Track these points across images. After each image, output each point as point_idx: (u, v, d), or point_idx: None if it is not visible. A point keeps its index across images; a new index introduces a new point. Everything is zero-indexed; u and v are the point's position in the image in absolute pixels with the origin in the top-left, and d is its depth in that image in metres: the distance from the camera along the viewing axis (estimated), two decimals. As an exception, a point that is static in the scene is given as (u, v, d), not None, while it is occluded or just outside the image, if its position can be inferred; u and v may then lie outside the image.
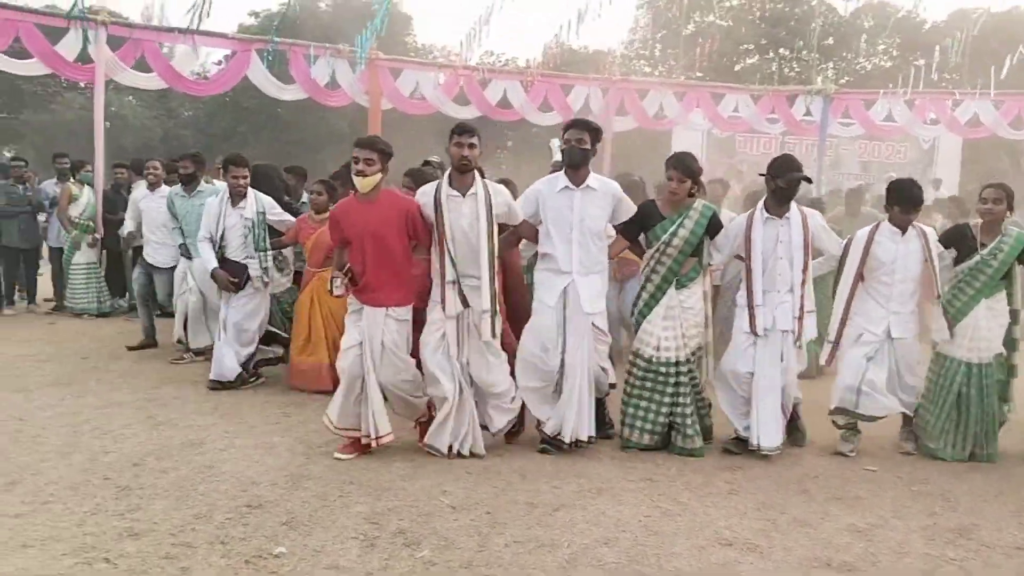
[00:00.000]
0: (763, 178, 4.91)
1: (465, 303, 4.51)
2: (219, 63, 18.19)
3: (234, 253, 6.12)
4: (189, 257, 6.75)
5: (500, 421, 4.74)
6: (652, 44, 30.88)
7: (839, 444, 4.99)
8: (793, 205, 4.84)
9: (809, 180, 5.12)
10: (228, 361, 6.06)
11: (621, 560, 3.41)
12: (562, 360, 4.65)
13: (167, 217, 7.07)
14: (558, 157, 5.81)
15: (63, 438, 4.85)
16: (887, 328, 4.91)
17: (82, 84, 27.67)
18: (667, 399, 4.76)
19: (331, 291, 4.55)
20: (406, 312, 4.57)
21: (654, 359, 4.76)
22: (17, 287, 9.75)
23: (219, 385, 6.05)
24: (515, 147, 25.81)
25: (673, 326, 4.76)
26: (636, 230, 4.94)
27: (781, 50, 29.06)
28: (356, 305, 4.57)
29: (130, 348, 7.41)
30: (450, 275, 4.47)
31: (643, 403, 4.80)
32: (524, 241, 5.16)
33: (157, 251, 7.43)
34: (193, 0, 9.58)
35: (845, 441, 4.98)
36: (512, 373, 4.74)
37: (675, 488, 4.28)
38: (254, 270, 6.10)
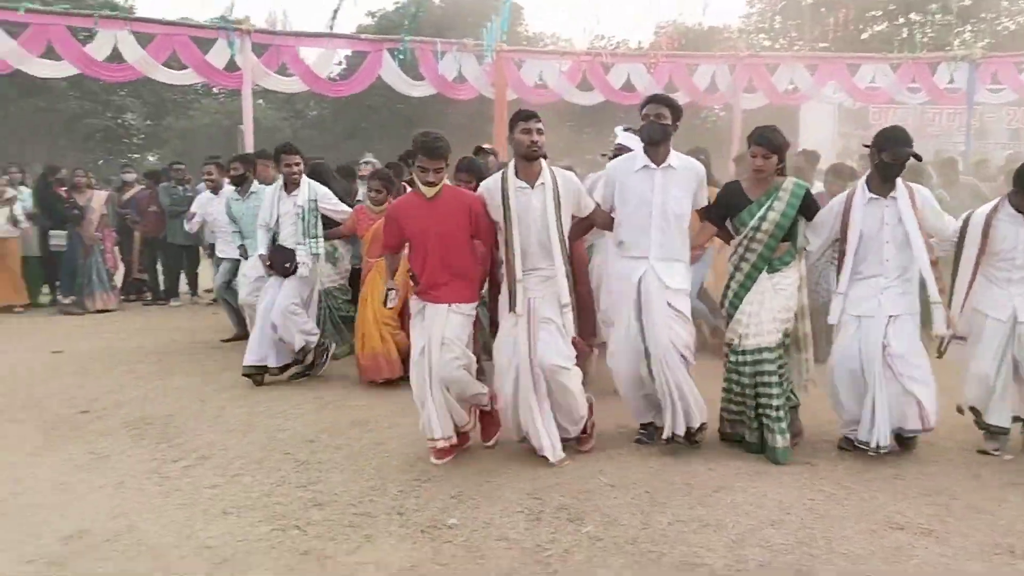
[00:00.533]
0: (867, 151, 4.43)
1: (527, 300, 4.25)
2: (339, 63, 19.02)
3: (286, 240, 6.13)
4: (247, 258, 6.90)
5: (573, 429, 4.43)
6: (772, 16, 29.80)
7: (983, 442, 4.53)
8: (899, 182, 4.31)
9: (919, 157, 4.41)
10: (266, 347, 6.06)
11: (789, 542, 3.39)
12: (645, 350, 4.30)
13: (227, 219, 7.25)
14: (621, 140, 5.53)
15: (241, 418, 5.27)
16: (1013, 313, 4.35)
17: (215, 90, 29.75)
18: (754, 390, 4.33)
19: (384, 303, 4.55)
20: (470, 308, 4.36)
21: (744, 348, 4.33)
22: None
23: (254, 370, 6.07)
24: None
25: (760, 311, 4.32)
26: (721, 215, 4.56)
27: (912, 15, 27.39)
28: (418, 305, 4.36)
29: (224, 340, 7.81)
30: (518, 272, 4.22)
31: (737, 396, 4.43)
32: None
33: (228, 245, 7.61)
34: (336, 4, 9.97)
35: (990, 439, 4.50)
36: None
37: (837, 473, 4.19)
38: (301, 256, 6.06)
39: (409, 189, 5.34)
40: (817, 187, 6.86)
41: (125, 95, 29.08)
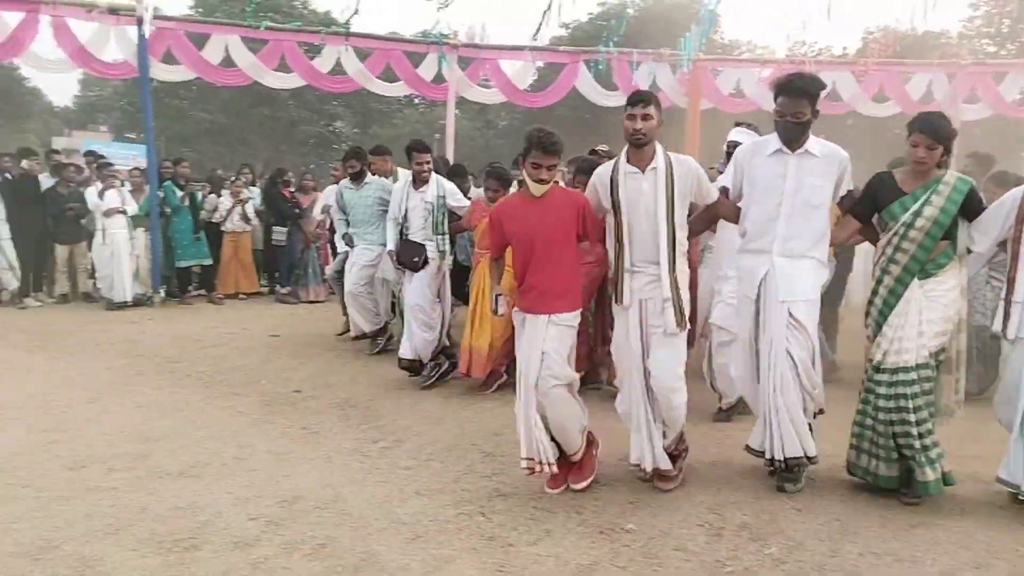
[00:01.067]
0: None
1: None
2: (532, 75, 19.50)
3: (415, 235, 6.22)
4: (352, 246, 7.19)
5: (662, 460, 4.07)
6: (999, 19, 27.07)
7: None
8: None
9: None
10: (417, 341, 6.17)
11: (995, 588, 3.15)
12: (758, 361, 3.95)
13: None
14: (736, 138, 5.29)
15: (434, 407, 5.62)
16: None
17: (415, 101, 31.61)
18: (892, 416, 3.80)
19: (494, 311, 4.28)
20: (572, 318, 4.03)
21: (887, 366, 3.81)
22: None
23: (409, 363, 6.21)
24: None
25: (904, 323, 3.78)
26: (868, 209, 3.99)
27: None
28: (519, 317, 4.08)
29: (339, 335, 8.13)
30: (626, 263, 3.93)
31: (875, 423, 3.87)
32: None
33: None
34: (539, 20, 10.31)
35: None
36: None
37: (1056, 518, 3.80)
38: (431, 252, 6.16)
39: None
40: None
41: (337, 105, 31.60)
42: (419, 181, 6.28)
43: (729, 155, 5.48)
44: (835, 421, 4.21)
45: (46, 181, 10.38)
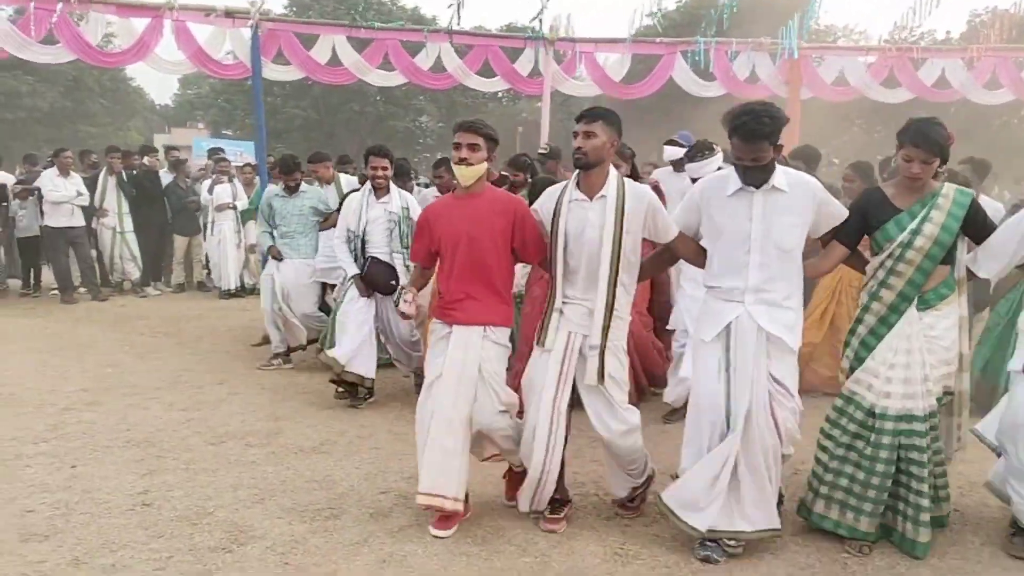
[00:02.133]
0: None
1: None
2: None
3: (377, 250, 5.54)
4: (280, 258, 6.58)
5: (620, 489, 3.71)
6: None
7: None
8: None
9: None
10: (402, 357, 5.73)
11: None
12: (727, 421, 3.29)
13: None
14: (668, 155, 5.22)
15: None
16: None
17: (498, 95, 31.88)
18: (892, 468, 3.35)
19: (397, 307, 3.82)
20: (506, 335, 3.65)
21: (877, 409, 3.36)
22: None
23: (360, 380, 5.47)
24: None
25: (909, 363, 3.32)
26: (858, 231, 3.48)
27: None
28: (443, 329, 3.63)
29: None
30: (558, 300, 3.50)
31: (857, 472, 3.39)
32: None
33: None
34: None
35: None
36: None
37: None
38: (399, 268, 5.53)
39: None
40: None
41: (423, 100, 32.23)
42: (379, 190, 5.63)
43: (674, 164, 5.53)
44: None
45: (164, 176, 11.06)
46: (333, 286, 6.56)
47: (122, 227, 10.43)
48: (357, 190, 6.10)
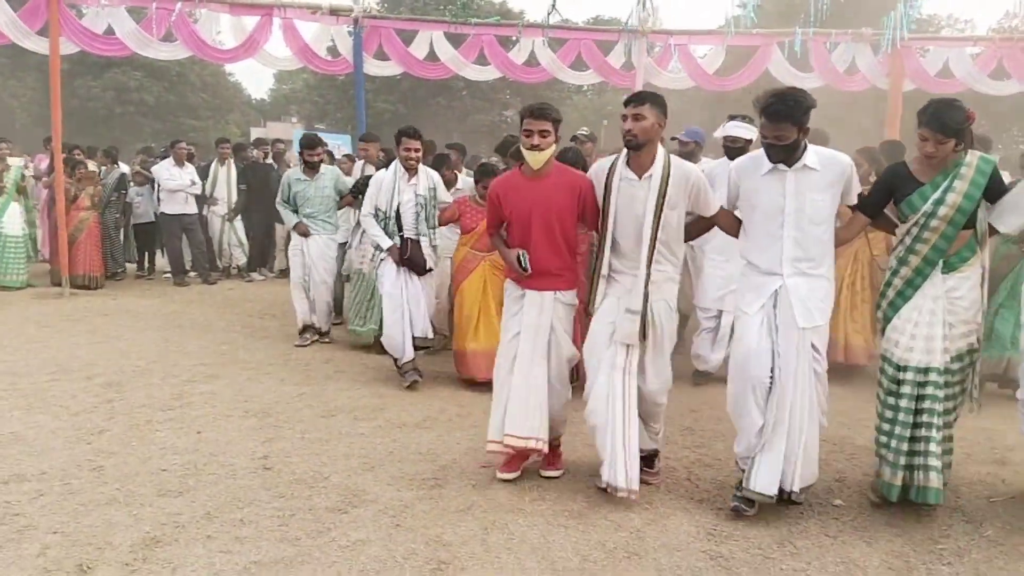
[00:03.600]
0: None
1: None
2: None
3: (407, 231, 5.72)
4: (308, 235, 6.97)
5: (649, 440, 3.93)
6: None
7: None
8: None
9: None
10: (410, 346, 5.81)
11: None
12: (770, 386, 3.55)
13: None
14: (733, 132, 5.27)
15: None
16: None
17: (583, 87, 31.70)
18: (910, 418, 3.57)
19: (525, 268, 3.91)
20: (574, 296, 4.05)
21: (906, 364, 3.58)
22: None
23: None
24: None
25: (932, 322, 3.55)
26: (879, 202, 3.73)
27: None
28: (517, 292, 4.00)
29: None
30: (604, 268, 3.79)
31: (895, 427, 3.60)
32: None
33: None
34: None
35: None
36: None
37: None
38: (426, 249, 5.76)
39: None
40: None
41: (508, 94, 32.42)
42: (410, 171, 5.75)
43: (728, 150, 5.47)
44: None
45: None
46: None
47: (229, 215, 11.02)
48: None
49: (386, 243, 5.76)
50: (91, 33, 9.54)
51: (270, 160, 11.82)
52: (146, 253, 11.63)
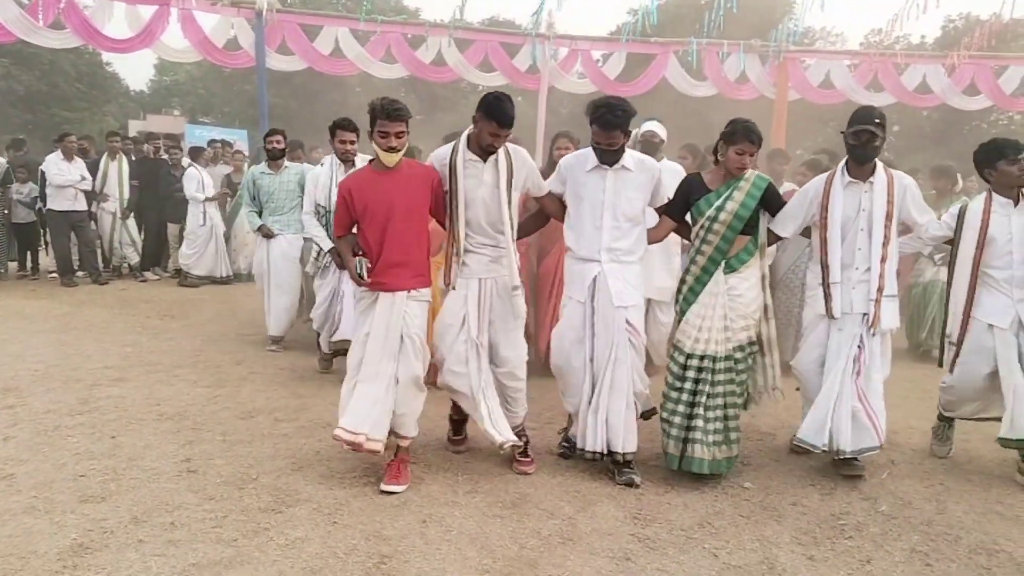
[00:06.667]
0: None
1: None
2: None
3: None
4: (271, 236, 6.71)
5: (513, 418, 4.18)
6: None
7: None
8: (879, 167, 4.15)
9: (874, 133, 4.02)
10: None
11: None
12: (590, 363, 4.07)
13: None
14: (652, 128, 5.73)
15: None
16: (1016, 318, 4.18)
17: (479, 87, 31.91)
18: (691, 398, 4.08)
19: (362, 277, 3.91)
20: (428, 294, 4.08)
21: (690, 352, 4.08)
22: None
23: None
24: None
25: (713, 316, 4.07)
26: (681, 207, 4.25)
27: None
28: (368, 296, 3.98)
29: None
30: (460, 247, 3.98)
31: (678, 406, 4.10)
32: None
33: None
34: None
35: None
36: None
37: None
38: None
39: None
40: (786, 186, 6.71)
41: (404, 92, 32.24)
42: (347, 163, 5.67)
43: (645, 145, 5.80)
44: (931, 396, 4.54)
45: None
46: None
47: (122, 212, 10.55)
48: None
49: (327, 244, 5.68)
50: (-32, 17, 8.97)
51: (164, 155, 11.36)
52: (28, 252, 10.97)
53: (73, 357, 6.36)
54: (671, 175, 4.64)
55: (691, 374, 4.08)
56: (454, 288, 4.04)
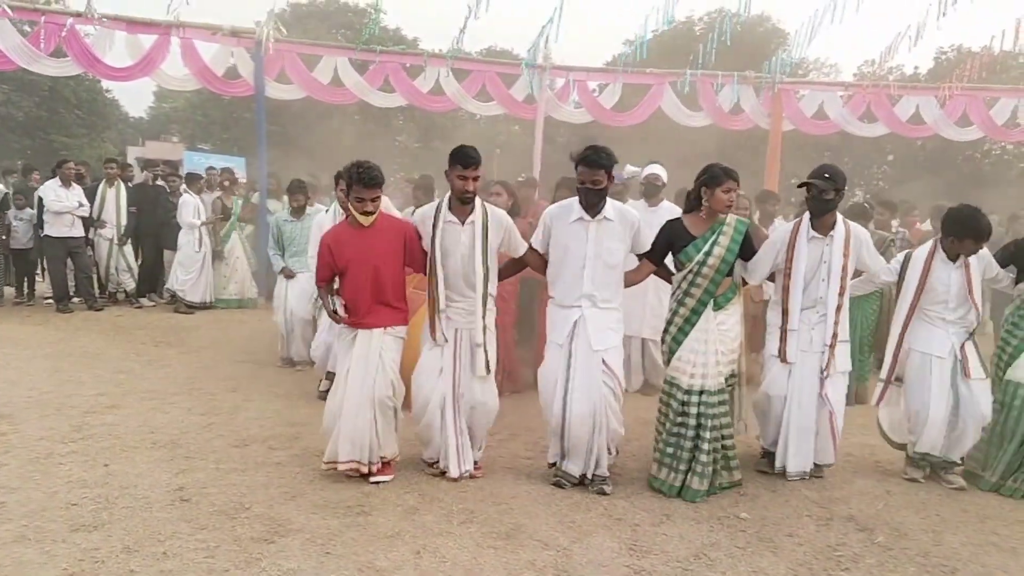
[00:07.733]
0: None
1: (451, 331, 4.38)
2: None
3: None
4: (292, 276, 7.39)
5: (475, 451, 4.57)
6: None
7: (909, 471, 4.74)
8: (839, 220, 4.46)
9: (822, 188, 4.33)
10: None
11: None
12: (564, 403, 4.28)
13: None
14: (655, 171, 6.15)
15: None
16: (953, 347, 4.56)
17: (476, 116, 32.06)
18: (695, 432, 4.29)
19: (334, 312, 4.35)
20: (403, 331, 4.47)
21: (690, 388, 4.29)
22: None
23: None
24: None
25: (706, 351, 4.28)
26: (663, 252, 4.50)
27: None
28: (350, 333, 4.39)
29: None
30: (441, 303, 4.33)
31: (683, 440, 4.29)
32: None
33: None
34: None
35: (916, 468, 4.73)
36: None
37: None
38: None
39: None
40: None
41: (402, 120, 32.45)
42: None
43: (648, 188, 6.30)
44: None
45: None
46: None
47: (119, 239, 10.57)
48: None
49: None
50: (-31, 45, 9.04)
51: (160, 182, 11.40)
52: (25, 278, 10.96)
53: (67, 384, 6.34)
54: (671, 215, 4.83)
55: (693, 409, 4.27)
56: (445, 340, 4.36)
